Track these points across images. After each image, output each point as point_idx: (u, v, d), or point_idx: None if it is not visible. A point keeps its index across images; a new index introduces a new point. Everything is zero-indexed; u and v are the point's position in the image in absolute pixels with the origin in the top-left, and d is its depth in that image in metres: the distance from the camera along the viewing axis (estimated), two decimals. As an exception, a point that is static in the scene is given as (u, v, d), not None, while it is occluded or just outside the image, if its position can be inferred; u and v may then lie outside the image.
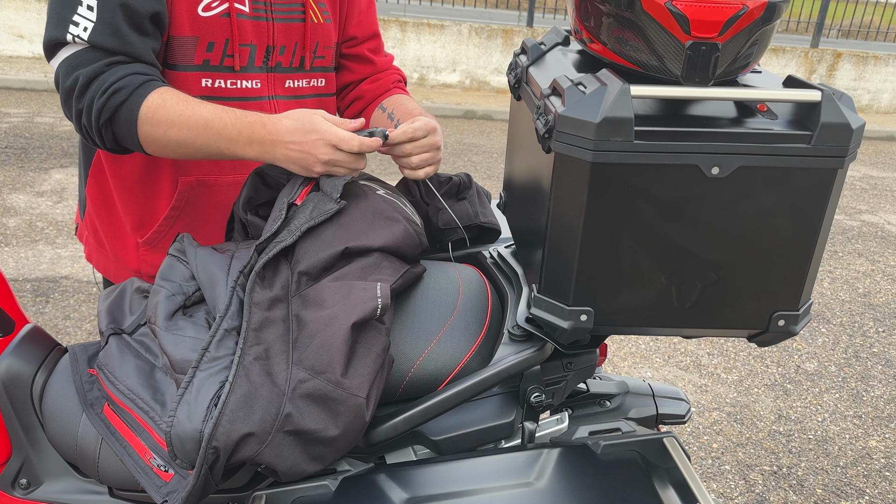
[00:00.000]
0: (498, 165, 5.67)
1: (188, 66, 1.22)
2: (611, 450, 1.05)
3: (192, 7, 1.19)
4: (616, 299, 0.96)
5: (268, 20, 1.27)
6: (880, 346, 3.49)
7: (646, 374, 3.11)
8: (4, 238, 3.79)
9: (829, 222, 0.94)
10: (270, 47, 1.28)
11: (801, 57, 8.26)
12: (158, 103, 1.10)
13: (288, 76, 1.33)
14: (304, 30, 1.31)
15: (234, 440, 0.87)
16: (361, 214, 1.09)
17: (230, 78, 1.26)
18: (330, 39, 1.38)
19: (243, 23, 1.24)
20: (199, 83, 1.23)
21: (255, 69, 1.28)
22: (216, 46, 1.22)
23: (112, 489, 1.12)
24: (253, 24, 1.25)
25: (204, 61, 1.22)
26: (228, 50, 1.23)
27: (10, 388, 1.11)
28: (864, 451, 2.71)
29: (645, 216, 0.90)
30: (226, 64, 1.24)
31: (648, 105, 0.93)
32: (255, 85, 1.29)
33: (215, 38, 1.21)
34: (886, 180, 6.29)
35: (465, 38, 7.95)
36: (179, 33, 1.19)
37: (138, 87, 1.11)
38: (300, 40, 1.32)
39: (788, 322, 0.98)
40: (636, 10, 0.90)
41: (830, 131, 0.87)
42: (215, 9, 1.20)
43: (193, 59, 1.21)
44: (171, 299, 1.05)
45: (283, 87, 1.33)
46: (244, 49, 1.25)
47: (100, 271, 1.46)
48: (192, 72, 1.22)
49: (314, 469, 0.94)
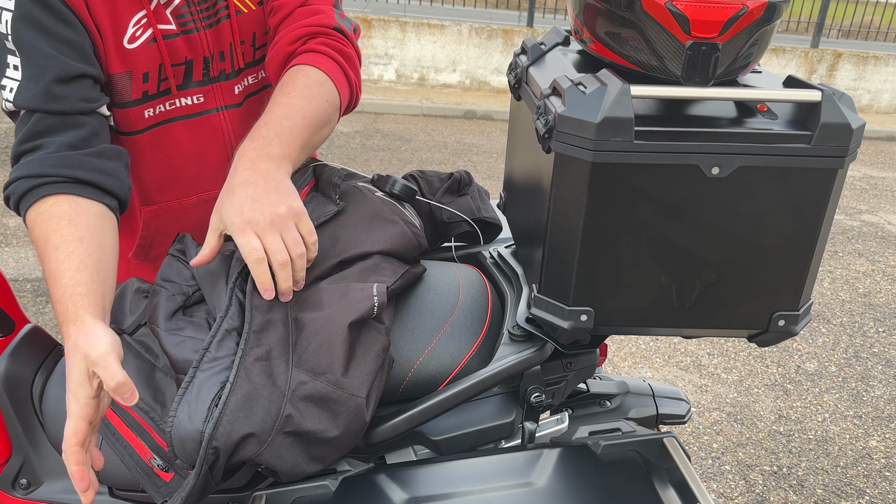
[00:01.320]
0: (498, 165, 5.67)
1: (128, 102, 1.16)
2: (611, 450, 1.05)
3: (118, 42, 1.11)
4: (616, 299, 0.96)
5: (198, 30, 1.18)
6: (880, 346, 3.49)
7: (646, 374, 3.10)
8: (4, 238, 3.79)
9: (830, 222, 0.94)
10: (208, 58, 1.20)
11: (802, 57, 8.26)
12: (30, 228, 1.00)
13: (234, 82, 1.26)
14: (230, 26, 1.21)
15: (235, 440, 0.87)
16: (360, 216, 1.09)
17: (168, 100, 1.19)
18: (262, 25, 1.26)
19: (174, 42, 1.16)
20: (142, 116, 1.18)
21: (195, 84, 1.21)
22: (151, 75, 1.15)
23: (112, 489, 1.12)
24: (184, 40, 1.17)
25: (143, 93, 1.16)
26: (163, 73, 1.16)
27: (10, 388, 1.11)
28: (865, 451, 2.71)
29: (645, 216, 0.90)
30: (162, 88, 1.17)
31: (648, 105, 0.93)
32: (198, 100, 1.22)
33: (148, 67, 1.14)
34: (886, 180, 6.29)
35: (465, 38, 7.95)
36: (113, 71, 1.12)
37: (22, 196, 1.00)
38: (232, 39, 1.22)
39: (788, 322, 0.98)
40: (636, 11, 0.90)
41: (830, 131, 0.87)
42: (140, 38, 1.13)
43: (132, 94, 1.15)
44: (172, 299, 1.05)
45: (231, 94, 1.26)
46: (178, 68, 1.18)
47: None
48: (133, 107, 1.16)
49: (314, 469, 0.94)
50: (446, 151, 6.02)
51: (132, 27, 1.11)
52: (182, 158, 1.25)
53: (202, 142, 1.25)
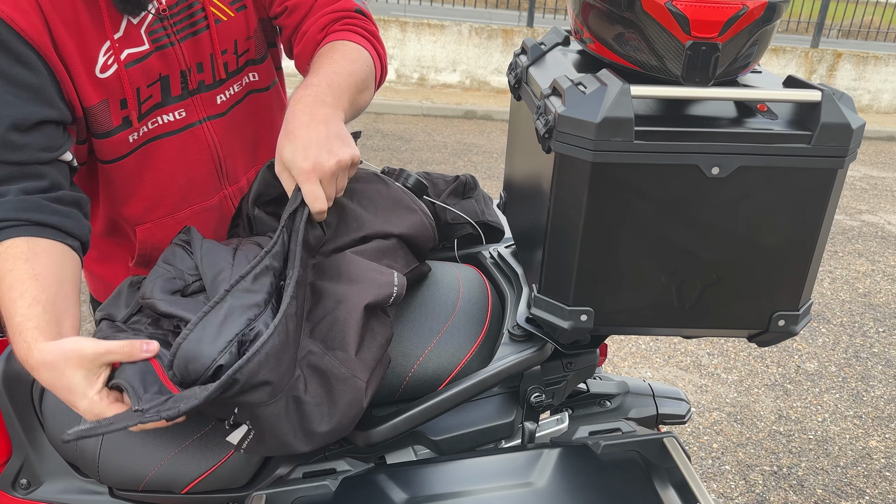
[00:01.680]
0: (498, 165, 5.67)
1: (110, 131, 1.12)
2: (611, 450, 1.05)
3: (90, 72, 1.07)
4: (616, 299, 0.96)
5: (172, 45, 1.14)
6: (880, 346, 3.49)
7: (646, 374, 3.11)
8: (4, 238, 3.78)
9: (830, 222, 0.94)
10: (185, 71, 1.17)
11: (802, 57, 8.26)
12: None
13: (216, 91, 1.22)
14: (210, 36, 1.18)
15: (255, 382, 0.83)
16: (382, 199, 1.09)
17: (150, 119, 1.16)
18: (249, 29, 1.23)
19: (147, 62, 1.12)
20: (126, 141, 1.14)
21: (174, 99, 1.17)
22: (129, 101, 1.12)
23: (112, 489, 1.12)
24: (158, 56, 1.13)
25: (123, 119, 1.12)
26: (141, 96, 1.13)
27: (10, 388, 1.11)
28: (865, 451, 2.71)
29: (645, 216, 0.90)
30: (143, 110, 1.14)
31: (648, 105, 0.93)
32: (180, 115, 1.19)
33: (124, 93, 1.11)
34: (887, 180, 6.29)
35: (465, 38, 7.95)
36: (90, 103, 1.08)
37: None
38: (212, 49, 1.19)
39: (789, 322, 0.98)
40: (636, 11, 0.90)
41: (830, 131, 0.87)
42: (112, 66, 1.09)
43: (112, 122, 1.11)
44: (171, 281, 1.02)
45: (213, 104, 1.23)
46: (154, 87, 1.14)
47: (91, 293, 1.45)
48: (116, 135, 1.13)
49: (301, 448, 0.90)
50: (446, 151, 6.02)
51: (102, 56, 1.08)
52: (170, 175, 1.22)
53: (188, 156, 1.23)
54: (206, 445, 1.06)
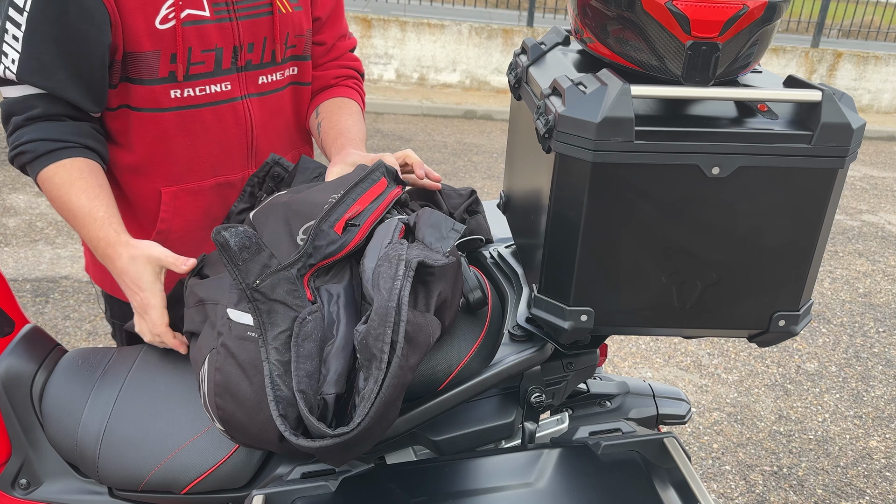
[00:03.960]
0: (498, 165, 5.67)
1: (153, 79, 1.20)
2: (611, 450, 1.05)
3: (150, 21, 1.16)
4: (616, 299, 0.96)
5: (231, 20, 1.24)
6: (881, 346, 3.49)
7: (646, 374, 3.10)
8: (4, 238, 3.79)
9: (830, 222, 0.94)
10: (237, 47, 1.26)
11: (802, 57, 8.26)
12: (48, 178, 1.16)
13: (260, 72, 1.32)
14: (272, 22, 1.29)
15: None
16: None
17: (198, 85, 1.24)
18: (301, 27, 1.36)
19: (205, 28, 1.21)
20: (167, 95, 1.22)
21: (224, 72, 1.26)
22: (179, 56, 1.20)
23: (111, 489, 1.12)
24: (216, 27, 1.23)
25: (170, 73, 1.21)
26: (193, 58, 1.21)
27: (10, 388, 1.11)
28: (865, 451, 2.71)
29: (645, 216, 0.90)
30: (192, 72, 1.22)
31: (649, 105, 0.93)
32: (226, 87, 1.28)
33: (176, 48, 1.19)
34: (887, 180, 6.29)
35: (465, 38, 7.95)
36: (138, 49, 1.17)
37: (40, 156, 1.15)
38: (269, 34, 1.30)
39: (789, 322, 0.98)
40: (636, 10, 0.90)
41: (831, 131, 0.87)
42: (171, 20, 1.18)
43: (158, 72, 1.20)
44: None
45: (255, 84, 1.32)
46: (208, 54, 1.23)
47: (97, 283, 1.46)
48: (158, 85, 1.21)
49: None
50: (446, 151, 6.01)
51: (165, 9, 1.17)
52: (206, 143, 1.30)
53: (226, 128, 1.30)
54: (206, 446, 1.06)
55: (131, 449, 1.07)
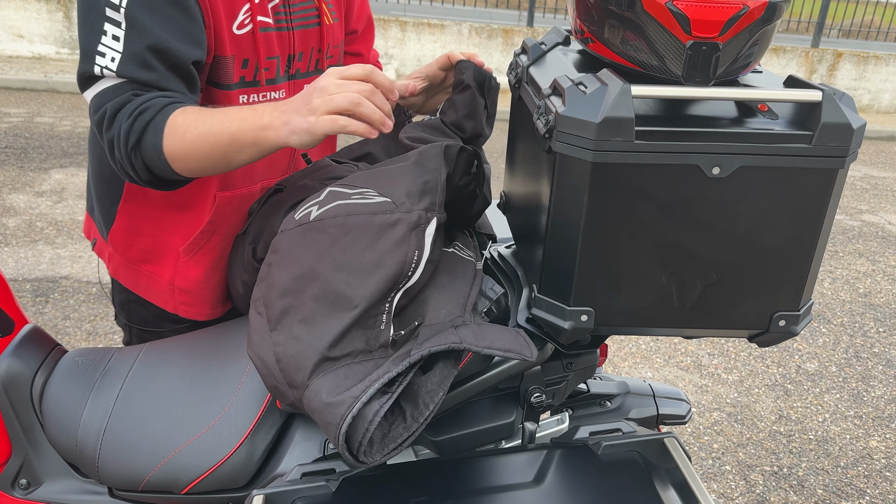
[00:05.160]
0: (498, 165, 5.67)
1: (229, 84, 1.23)
2: (611, 450, 1.05)
3: (230, 26, 1.19)
4: (616, 299, 0.96)
5: (288, 29, 1.28)
6: (881, 346, 3.49)
7: (646, 374, 3.10)
8: (4, 238, 3.79)
9: (830, 222, 0.94)
10: (291, 56, 1.30)
11: (802, 57, 8.26)
12: (180, 114, 1.09)
13: (305, 81, 1.35)
14: (320, 33, 1.34)
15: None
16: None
17: (262, 91, 1.27)
18: (338, 38, 1.41)
19: (270, 35, 1.25)
20: (237, 100, 1.25)
21: (280, 79, 1.30)
22: (249, 63, 1.24)
23: (112, 489, 1.12)
24: (277, 36, 1.27)
25: (240, 78, 1.24)
26: (260, 65, 1.25)
27: (9, 389, 1.11)
28: (865, 451, 2.71)
29: (645, 216, 0.90)
30: (258, 78, 1.26)
31: (649, 105, 0.93)
32: (281, 95, 1.31)
33: (248, 54, 1.23)
34: (887, 180, 6.29)
35: (465, 38, 7.95)
36: (222, 53, 1.20)
37: (164, 106, 1.10)
38: (316, 44, 1.34)
39: (789, 322, 0.98)
40: (637, 10, 0.90)
41: (831, 131, 0.86)
42: (247, 26, 1.21)
43: (233, 77, 1.22)
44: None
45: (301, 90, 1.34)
46: (272, 62, 1.27)
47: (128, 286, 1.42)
48: (232, 91, 1.24)
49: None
50: (446, 151, 6.01)
51: (241, 14, 1.20)
52: None
53: None
54: (206, 446, 1.06)
55: (131, 449, 1.07)
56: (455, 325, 0.96)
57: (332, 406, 0.86)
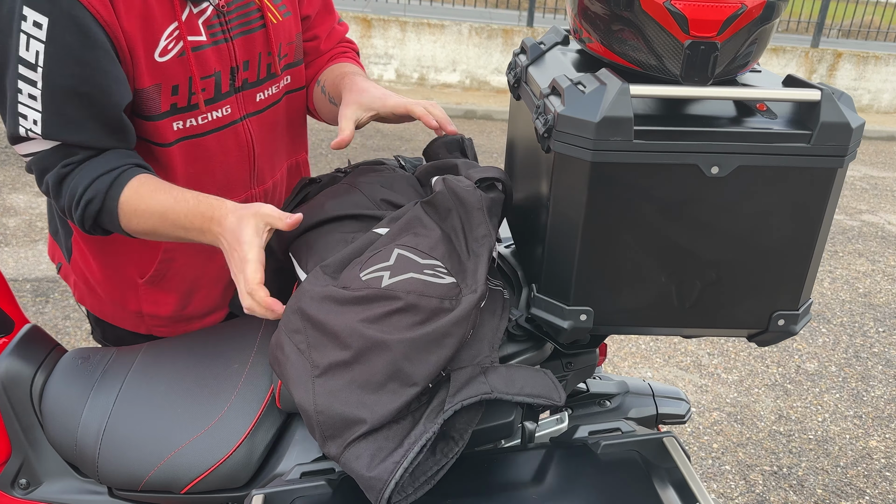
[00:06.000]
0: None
1: (157, 115, 1.15)
2: (611, 450, 1.05)
3: (149, 55, 1.10)
4: (616, 299, 0.96)
5: (227, 41, 1.19)
6: (881, 346, 3.49)
7: (646, 374, 3.10)
8: (4, 238, 3.79)
9: (829, 222, 0.94)
10: (234, 68, 1.21)
11: (802, 57, 8.26)
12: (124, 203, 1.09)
13: (257, 90, 1.27)
14: (265, 36, 1.24)
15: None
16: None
17: (200, 114, 1.19)
18: (291, 34, 1.32)
19: (203, 54, 1.16)
20: (171, 128, 1.17)
21: (223, 96, 1.21)
22: (181, 88, 1.15)
23: (111, 489, 1.12)
24: (214, 51, 1.17)
25: (171, 105, 1.15)
26: (193, 87, 1.16)
27: (9, 388, 1.11)
28: (865, 451, 2.71)
29: (645, 216, 0.90)
30: (192, 102, 1.17)
31: (648, 104, 0.93)
32: (226, 112, 1.22)
33: (178, 79, 1.14)
34: (887, 180, 6.29)
35: (465, 38, 7.95)
36: (142, 85, 1.11)
37: (108, 189, 1.08)
38: (263, 49, 1.25)
39: (788, 322, 0.98)
40: (635, 10, 0.90)
41: (830, 131, 0.87)
42: (172, 51, 1.12)
43: (160, 106, 1.14)
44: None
45: (253, 102, 1.27)
46: (208, 81, 1.18)
47: (94, 313, 1.41)
48: (162, 120, 1.15)
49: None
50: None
51: (164, 40, 1.11)
52: (210, 171, 1.25)
53: (228, 153, 1.26)
54: (206, 445, 1.06)
55: (131, 448, 1.07)
56: (483, 367, 0.97)
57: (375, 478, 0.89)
